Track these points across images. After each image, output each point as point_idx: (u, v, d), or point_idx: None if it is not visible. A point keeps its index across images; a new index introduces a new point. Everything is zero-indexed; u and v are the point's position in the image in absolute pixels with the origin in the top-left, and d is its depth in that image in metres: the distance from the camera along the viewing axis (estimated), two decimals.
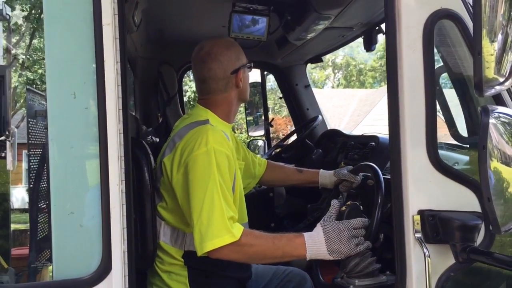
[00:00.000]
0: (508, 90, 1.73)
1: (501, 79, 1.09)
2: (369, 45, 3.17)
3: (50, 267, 1.71)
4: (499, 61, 1.07)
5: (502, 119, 1.15)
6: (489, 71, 1.06)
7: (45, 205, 1.86)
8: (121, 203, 1.47)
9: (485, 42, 1.05)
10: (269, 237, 1.85)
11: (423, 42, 1.58)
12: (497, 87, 1.10)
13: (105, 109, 1.46)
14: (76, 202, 1.49)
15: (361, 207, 1.93)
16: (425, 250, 1.54)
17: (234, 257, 1.84)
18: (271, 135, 4.84)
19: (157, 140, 3.85)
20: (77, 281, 1.45)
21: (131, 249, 1.51)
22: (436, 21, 1.59)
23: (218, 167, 1.88)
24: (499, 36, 1.06)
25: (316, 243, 1.76)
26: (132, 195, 1.55)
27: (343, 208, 1.90)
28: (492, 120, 1.12)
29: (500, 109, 1.18)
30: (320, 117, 3.95)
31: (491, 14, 1.04)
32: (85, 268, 1.46)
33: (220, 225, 1.78)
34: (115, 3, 1.49)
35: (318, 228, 1.79)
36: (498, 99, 1.69)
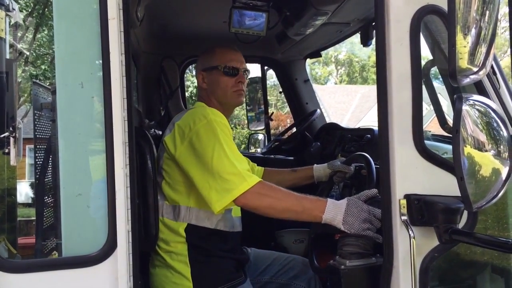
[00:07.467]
0: (491, 83, 1.83)
1: (475, 69, 1.19)
2: (366, 40, 3.25)
3: (55, 252, 1.82)
4: (473, 53, 1.17)
5: (477, 107, 1.25)
6: (463, 62, 1.16)
7: (50, 195, 1.96)
8: (125, 186, 1.57)
9: (459, 35, 1.15)
10: (292, 192, 1.97)
11: (410, 36, 1.67)
12: (472, 76, 1.20)
13: (111, 98, 1.56)
14: (84, 184, 1.59)
15: None
16: (410, 232, 1.63)
17: (255, 204, 1.93)
18: (273, 130, 4.92)
19: (160, 133, 3.94)
20: (84, 257, 1.55)
21: (135, 229, 1.60)
22: (422, 16, 1.67)
23: (222, 131, 2.03)
24: (473, 30, 1.15)
25: (335, 209, 1.86)
26: (135, 180, 1.65)
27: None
28: (466, 107, 1.22)
29: (475, 97, 1.27)
30: (318, 110, 4.04)
31: (465, 9, 1.14)
32: (92, 246, 1.56)
33: (233, 177, 1.92)
34: None
35: (344, 200, 1.89)
36: (482, 91, 1.78)
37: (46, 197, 1.94)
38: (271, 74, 4.95)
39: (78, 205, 1.58)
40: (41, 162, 2.11)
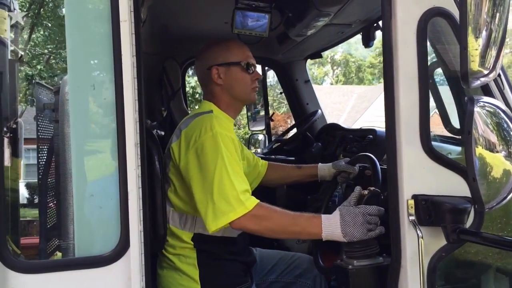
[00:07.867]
0: (497, 84, 1.85)
1: (485, 72, 1.21)
2: (367, 42, 3.27)
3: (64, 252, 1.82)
4: (484, 56, 1.19)
5: (487, 108, 1.27)
6: (474, 64, 1.18)
7: (53, 196, 1.97)
8: (137, 187, 1.59)
9: (470, 38, 1.17)
10: (288, 212, 1.93)
11: (417, 38, 1.69)
12: (482, 79, 1.22)
13: (123, 99, 1.58)
14: (96, 185, 1.61)
15: (382, 196, 1.99)
16: (418, 232, 1.64)
17: (252, 228, 1.92)
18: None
19: (162, 133, 3.95)
20: (97, 258, 1.56)
21: (147, 229, 1.62)
22: (429, 18, 1.69)
23: (226, 147, 2.00)
24: (483, 33, 1.18)
25: (331, 224, 1.83)
26: (146, 181, 1.66)
27: (365, 192, 1.96)
28: (477, 109, 1.24)
29: (486, 99, 1.30)
30: (319, 111, 4.06)
31: (476, 12, 1.16)
32: (104, 246, 1.58)
33: (231, 199, 1.89)
34: (131, 1, 1.60)
35: (336, 211, 1.86)
36: (488, 92, 1.80)
37: (56, 198, 1.95)
38: (267, 74, 4.96)
39: (90, 205, 1.60)
40: (45, 163, 2.11)
